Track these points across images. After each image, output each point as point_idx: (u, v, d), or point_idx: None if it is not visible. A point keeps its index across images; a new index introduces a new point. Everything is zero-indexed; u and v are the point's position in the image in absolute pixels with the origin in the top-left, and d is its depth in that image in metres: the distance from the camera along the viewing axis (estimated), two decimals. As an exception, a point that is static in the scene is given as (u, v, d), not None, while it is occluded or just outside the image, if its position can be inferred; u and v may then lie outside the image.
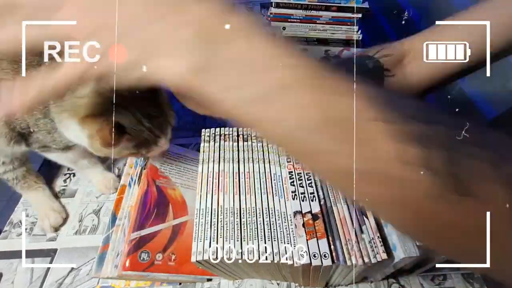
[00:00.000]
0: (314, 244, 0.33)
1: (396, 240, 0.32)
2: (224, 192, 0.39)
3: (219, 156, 0.43)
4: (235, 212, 0.37)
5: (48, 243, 0.55)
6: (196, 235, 0.35)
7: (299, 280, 0.45)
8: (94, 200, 0.61)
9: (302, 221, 0.35)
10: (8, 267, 0.52)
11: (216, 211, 0.38)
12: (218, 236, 0.35)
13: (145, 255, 0.42)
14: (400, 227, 0.28)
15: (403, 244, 0.32)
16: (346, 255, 0.33)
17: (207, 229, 0.36)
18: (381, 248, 0.33)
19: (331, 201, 0.37)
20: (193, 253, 0.34)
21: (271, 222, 0.37)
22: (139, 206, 0.45)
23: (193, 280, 0.48)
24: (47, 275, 0.51)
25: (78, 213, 0.59)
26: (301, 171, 0.39)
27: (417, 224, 0.24)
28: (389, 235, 0.34)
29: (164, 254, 0.43)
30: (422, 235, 0.27)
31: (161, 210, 0.46)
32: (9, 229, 0.56)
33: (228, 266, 0.38)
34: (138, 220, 0.44)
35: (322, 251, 0.33)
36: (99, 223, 0.57)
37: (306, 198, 0.37)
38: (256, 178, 0.41)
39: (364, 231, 0.35)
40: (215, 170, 0.42)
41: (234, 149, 0.44)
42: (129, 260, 0.40)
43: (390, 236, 0.34)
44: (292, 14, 0.83)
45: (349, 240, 0.34)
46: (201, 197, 0.39)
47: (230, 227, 0.36)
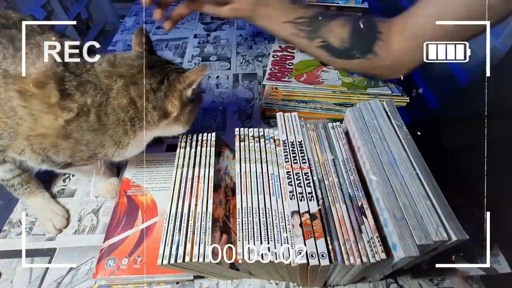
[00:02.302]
0: (311, 244, 0.33)
1: (396, 240, 0.32)
2: (198, 196, 0.40)
3: (194, 162, 0.44)
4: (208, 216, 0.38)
5: (47, 242, 0.55)
6: (164, 239, 0.37)
7: (297, 280, 0.45)
8: (93, 200, 0.61)
9: (300, 221, 0.35)
10: (7, 266, 0.52)
11: (187, 215, 0.38)
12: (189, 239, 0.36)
13: (112, 262, 0.45)
14: None
15: (403, 244, 0.31)
16: (344, 255, 0.33)
17: (176, 233, 0.37)
18: (380, 248, 0.33)
19: (330, 201, 0.37)
20: (159, 256, 0.35)
21: (268, 222, 0.37)
22: (110, 218, 0.50)
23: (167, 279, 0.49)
24: (46, 274, 0.51)
25: (77, 213, 0.59)
26: (299, 171, 0.39)
27: None
28: (389, 235, 0.34)
29: (130, 258, 0.45)
30: None
31: (130, 217, 0.49)
32: (8, 229, 0.56)
33: (199, 266, 0.38)
34: (108, 230, 0.48)
35: (320, 251, 0.33)
36: (98, 222, 0.57)
37: (304, 198, 0.37)
38: (253, 178, 0.41)
39: (363, 231, 0.35)
40: (189, 176, 0.43)
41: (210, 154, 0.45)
42: (97, 268, 0.45)
43: (390, 235, 0.34)
44: (291, 14, 0.83)
45: (347, 240, 0.34)
46: (172, 201, 0.40)
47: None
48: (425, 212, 0.33)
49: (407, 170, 0.37)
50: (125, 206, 0.51)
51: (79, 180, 0.64)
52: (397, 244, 0.32)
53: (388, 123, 0.43)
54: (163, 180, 0.55)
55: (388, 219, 0.34)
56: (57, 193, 0.62)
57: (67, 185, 0.63)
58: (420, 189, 0.35)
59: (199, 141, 0.47)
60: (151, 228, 0.48)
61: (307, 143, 0.43)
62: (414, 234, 0.32)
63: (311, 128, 0.45)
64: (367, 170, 0.39)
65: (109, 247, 0.46)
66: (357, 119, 0.44)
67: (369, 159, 0.39)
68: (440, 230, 0.32)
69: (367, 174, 0.39)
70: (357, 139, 0.42)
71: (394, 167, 0.38)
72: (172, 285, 0.49)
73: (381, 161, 0.39)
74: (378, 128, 0.42)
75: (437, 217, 0.33)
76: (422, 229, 0.32)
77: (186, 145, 0.46)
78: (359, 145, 0.42)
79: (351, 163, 0.41)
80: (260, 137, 0.46)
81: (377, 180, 0.37)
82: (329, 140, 0.44)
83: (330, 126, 0.46)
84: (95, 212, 0.59)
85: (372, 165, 0.38)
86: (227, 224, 0.40)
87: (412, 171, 0.37)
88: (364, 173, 0.40)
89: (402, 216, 0.33)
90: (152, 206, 0.51)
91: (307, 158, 0.41)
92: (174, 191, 0.41)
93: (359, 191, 0.38)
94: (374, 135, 0.41)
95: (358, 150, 0.42)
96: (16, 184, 0.55)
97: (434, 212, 0.33)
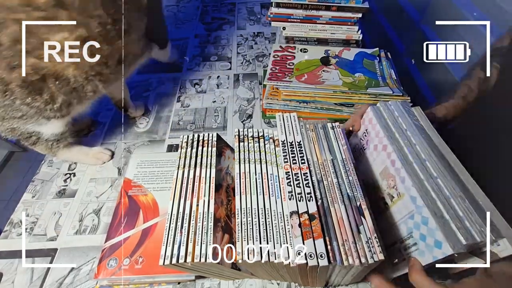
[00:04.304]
0: (310, 244, 0.33)
1: (441, 238, 0.32)
2: (199, 196, 0.40)
3: (195, 162, 0.44)
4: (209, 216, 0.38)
5: (48, 243, 0.55)
6: (166, 239, 0.37)
7: (298, 280, 0.45)
8: (94, 200, 0.61)
9: (299, 222, 0.35)
10: (9, 267, 0.52)
11: (188, 215, 0.38)
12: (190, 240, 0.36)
13: (113, 262, 0.46)
14: None
15: (451, 241, 0.31)
16: (343, 255, 0.33)
17: (177, 233, 0.37)
18: (378, 249, 0.33)
19: (329, 202, 0.37)
20: (161, 256, 0.35)
21: (267, 223, 0.37)
22: (111, 218, 0.50)
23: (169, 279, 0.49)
24: (47, 275, 0.51)
25: (78, 213, 0.59)
26: (298, 171, 0.39)
27: None
28: (430, 232, 0.33)
29: (131, 259, 0.46)
30: None
31: (131, 217, 0.50)
32: (9, 229, 0.57)
33: (202, 266, 0.38)
34: (109, 230, 0.49)
35: (318, 251, 0.33)
36: (100, 223, 0.57)
37: (302, 199, 0.37)
38: (252, 178, 0.41)
39: (361, 232, 0.35)
40: (190, 176, 0.42)
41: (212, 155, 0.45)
42: (99, 268, 0.45)
43: (433, 232, 0.33)
44: (292, 14, 0.82)
45: (346, 241, 0.34)
46: (173, 201, 0.40)
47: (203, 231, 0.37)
48: (464, 211, 0.33)
49: (439, 169, 0.37)
50: (126, 206, 0.51)
51: (80, 180, 0.65)
52: (443, 241, 0.32)
53: (410, 122, 0.42)
54: (164, 180, 0.55)
55: (429, 217, 0.33)
56: (58, 193, 0.63)
57: (68, 185, 0.64)
58: (455, 188, 0.35)
59: (201, 141, 0.47)
60: (152, 228, 0.48)
61: (306, 143, 0.43)
62: (459, 233, 0.31)
63: (310, 128, 0.45)
64: (397, 169, 0.39)
65: (111, 247, 0.47)
66: (380, 118, 0.44)
67: (399, 158, 0.38)
68: (483, 230, 0.32)
69: (397, 172, 0.39)
70: (382, 137, 0.42)
71: (426, 166, 0.37)
72: (173, 285, 0.49)
73: (412, 160, 0.38)
74: (403, 127, 0.42)
75: (477, 217, 0.33)
76: (465, 228, 0.32)
77: (187, 145, 0.46)
78: (385, 143, 0.41)
79: (350, 164, 0.40)
80: (260, 137, 0.46)
81: (410, 177, 0.36)
82: (328, 141, 0.44)
83: (330, 127, 0.46)
84: (96, 212, 0.59)
85: (403, 163, 0.38)
86: (229, 224, 0.40)
87: (444, 170, 0.37)
88: (392, 171, 0.40)
89: (442, 215, 0.33)
90: (153, 206, 0.51)
91: (306, 159, 0.41)
92: (176, 191, 0.41)
93: (357, 191, 0.38)
94: (401, 134, 0.41)
95: (384, 148, 0.42)
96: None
97: (473, 212, 0.33)
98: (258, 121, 0.75)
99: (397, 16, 1.26)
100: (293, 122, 0.45)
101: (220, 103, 0.81)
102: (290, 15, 0.83)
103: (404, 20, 1.21)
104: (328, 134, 0.45)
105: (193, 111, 0.79)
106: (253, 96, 0.82)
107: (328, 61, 0.77)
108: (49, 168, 0.67)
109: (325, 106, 0.70)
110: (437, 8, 1.08)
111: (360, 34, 0.83)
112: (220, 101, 0.81)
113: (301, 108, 0.71)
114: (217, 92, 0.84)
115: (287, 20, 0.84)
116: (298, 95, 0.69)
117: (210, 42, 1.03)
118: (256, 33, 1.05)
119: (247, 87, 0.85)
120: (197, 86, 0.87)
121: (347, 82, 0.70)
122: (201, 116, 0.78)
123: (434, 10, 1.09)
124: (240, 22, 1.11)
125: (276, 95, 0.71)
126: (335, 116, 0.70)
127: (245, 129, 0.47)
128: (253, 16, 1.14)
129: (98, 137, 0.74)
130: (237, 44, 1.01)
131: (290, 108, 0.71)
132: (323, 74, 0.73)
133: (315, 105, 0.70)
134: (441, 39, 1.05)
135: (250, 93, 0.83)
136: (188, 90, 0.86)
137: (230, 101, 0.81)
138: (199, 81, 0.88)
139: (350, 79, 0.71)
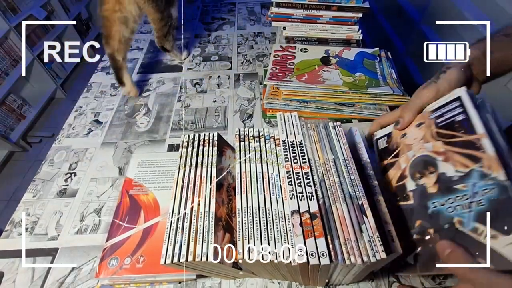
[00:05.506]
0: (312, 243, 0.33)
1: None
2: (200, 196, 0.40)
3: (196, 161, 0.44)
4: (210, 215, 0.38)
5: (49, 242, 0.55)
6: (167, 238, 0.37)
7: (299, 279, 0.45)
8: (95, 200, 0.61)
9: (300, 220, 0.35)
10: (10, 266, 0.52)
11: (189, 214, 0.38)
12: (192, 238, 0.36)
13: (114, 261, 0.45)
14: None
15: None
16: (345, 254, 0.33)
17: (178, 232, 0.37)
18: (380, 247, 0.33)
19: (330, 200, 0.37)
20: (162, 255, 0.35)
21: (268, 222, 0.37)
22: (112, 218, 0.50)
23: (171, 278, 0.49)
24: (48, 274, 0.51)
25: (79, 213, 0.59)
26: (299, 170, 0.39)
27: None
28: None
29: (132, 258, 0.46)
30: None
31: (132, 217, 0.50)
32: (10, 229, 0.57)
33: (203, 265, 0.38)
34: (110, 230, 0.49)
35: (320, 250, 0.33)
36: (100, 222, 0.57)
37: (304, 198, 0.37)
38: (253, 177, 0.41)
39: (363, 230, 0.35)
40: (191, 175, 0.42)
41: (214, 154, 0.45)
42: (100, 268, 0.45)
43: None
44: (292, 14, 0.83)
45: (348, 239, 0.34)
46: (175, 200, 0.40)
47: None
48: None
49: None
50: (127, 206, 0.51)
51: (81, 180, 0.65)
52: None
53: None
54: (165, 179, 0.55)
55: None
56: (58, 193, 0.63)
57: (69, 185, 0.64)
58: None
59: (201, 141, 0.47)
60: (153, 227, 0.48)
61: (307, 142, 0.43)
62: None
63: (312, 128, 0.45)
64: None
65: (112, 247, 0.46)
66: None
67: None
68: None
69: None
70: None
71: None
72: (174, 285, 0.49)
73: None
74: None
75: None
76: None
77: (188, 144, 0.46)
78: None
79: (351, 163, 0.41)
80: (260, 137, 0.46)
81: None
82: (330, 140, 0.44)
83: (331, 126, 0.46)
84: (97, 211, 0.59)
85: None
86: (230, 223, 0.40)
87: None
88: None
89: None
90: (154, 206, 0.51)
91: (308, 158, 0.41)
92: (177, 190, 0.41)
93: (359, 190, 0.38)
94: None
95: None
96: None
97: None
98: (259, 121, 0.75)
99: (397, 16, 1.26)
100: (294, 121, 0.45)
101: (220, 103, 0.81)
102: (290, 15, 0.83)
103: (404, 20, 1.21)
104: (329, 134, 0.45)
105: (193, 111, 0.79)
106: (253, 96, 0.82)
107: (329, 61, 0.77)
108: (50, 167, 0.68)
109: (325, 105, 0.70)
110: (437, 8, 1.08)
111: (360, 34, 0.83)
112: (221, 101, 0.82)
113: (302, 107, 0.71)
114: (218, 92, 0.84)
115: (287, 20, 0.84)
116: (299, 94, 0.69)
117: (210, 42, 1.03)
118: (257, 33, 1.05)
119: (248, 87, 0.85)
120: (198, 86, 0.87)
121: (348, 82, 0.70)
122: (202, 116, 0.78)
123: (434, 10, 1.09)
124: (240, 22, 1.11)
125: (276, 95, 0.71)
126: (335, 116, 0.71)
127: (246, 129, 0.47)
128: (254, 16, 1.15)
129: (98, 136, 0.74)
130: (238, 44, 1.01)
131: (290, 107, 0.71)
132: (324, 74, 0.73)
133: (315, 105, 0.70)
134: (441, 39, 1.05)
135: (250, 93, 0.83)
136: (189, 90, 0.86)
137: (231, 101, 0.81)
138: (199, 80, 0.88)
139: (350, 79, 0.71)
